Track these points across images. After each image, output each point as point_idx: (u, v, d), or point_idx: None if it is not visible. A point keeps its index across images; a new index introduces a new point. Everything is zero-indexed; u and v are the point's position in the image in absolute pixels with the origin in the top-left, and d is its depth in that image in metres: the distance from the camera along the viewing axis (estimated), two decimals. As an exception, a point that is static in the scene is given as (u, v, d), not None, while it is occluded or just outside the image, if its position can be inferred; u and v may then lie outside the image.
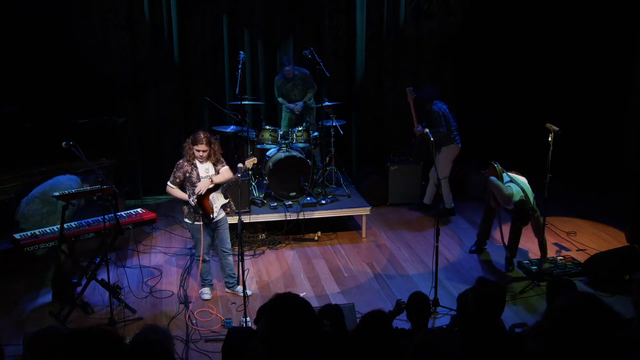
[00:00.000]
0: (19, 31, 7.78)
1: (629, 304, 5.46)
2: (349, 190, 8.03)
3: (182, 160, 5.88)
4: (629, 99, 8.77)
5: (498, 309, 3.55)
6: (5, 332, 5.47)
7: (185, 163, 5.84)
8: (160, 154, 8.82)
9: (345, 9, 8.95)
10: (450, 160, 8.02)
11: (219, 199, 5.95)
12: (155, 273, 6.73)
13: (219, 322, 5.72)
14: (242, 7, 8.65)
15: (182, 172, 5.83)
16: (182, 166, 5.85)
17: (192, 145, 5.78)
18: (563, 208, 8.32)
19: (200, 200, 5.84)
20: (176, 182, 5.88)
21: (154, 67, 8.53)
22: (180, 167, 5.86)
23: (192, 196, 5.82)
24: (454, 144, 7.94)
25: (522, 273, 6.63)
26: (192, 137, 5.81)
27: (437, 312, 5.79)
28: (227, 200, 6.05)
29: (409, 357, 2.88)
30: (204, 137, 5.77)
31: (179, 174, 5.85)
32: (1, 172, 6.62)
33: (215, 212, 5.92)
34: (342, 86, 9.03)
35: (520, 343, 3.51)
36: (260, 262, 6.99)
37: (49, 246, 5.50)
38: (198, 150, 5.77)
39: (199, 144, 5.75)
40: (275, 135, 7.79)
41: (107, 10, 8.17)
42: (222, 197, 5.98)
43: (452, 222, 8.08)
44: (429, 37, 9.21)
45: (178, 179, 5.86)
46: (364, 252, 7.28)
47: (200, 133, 5.80)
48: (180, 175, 5.84)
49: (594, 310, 2.70)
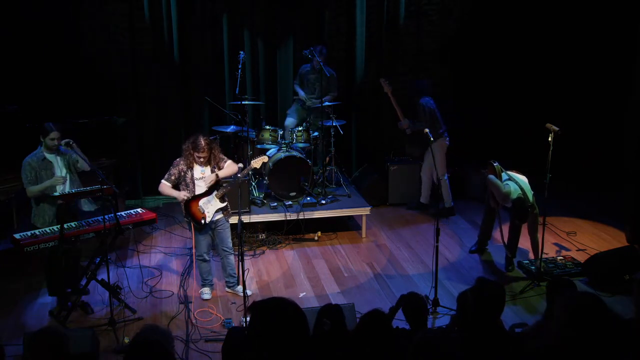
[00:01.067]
0: (19, 31, 7.78)
1: (629, 304, 5.48)
2: (349, 190, 8.03)
3: (180, 159, 5.87)
4: (629, 99, 8.76)
5: (498, 309, 3.55)
6: (5, 332, 5.48)
7: (182, 162, 5.84)
8: (160, 154, 8.81)
9: (345, 8, 8.94)
10: (444, 155, 8.02)
11: (212, 204, 5.92)
12: (155, 273, 6.73)
13: (219, 322, 5.72)
14: (242, 7, 8.64)
15: (178, 170, 5.84)
16: (178, 164, 5.85)
17: (192, 151, 5.76)
18: (563, 208, 8.31)
19: (187, 205, 5.84)
20: (171, 179, 5.87)
21: (154, 67, 8.53)
22: (176, 165, 5.86)
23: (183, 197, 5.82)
24: (442, 139, 7.93)
25: (522, 273, 6.63)
26: (193, 142, 5.75)
27: (437, 312, 5.79)
28: (225, 204, 6.02)
29: (408, 357, 2.88)
30: (204, 144, 5.73)
31: (175, 171, 5.85)
32: (1, 172, 6.62)
33: (208, 217, 5.89)
34: (342, 86, 9.02)
35: (520, 343, 3.52)
36: (260, 262, 6.99)
37: (49, 246, 5.49)
38: (199, 157, 5.77)
39: (199, 151, 5.73)
40: (275, 135, 7.79)
41: (107, 10, 8.17)
42: (218, 201, 5.94)
43: (452, 222, 8.08)
44: (429, 37, 9.21)
45: (173, 176, 5.86)
46: (364, 252, 7.28)
47: (200, 140, 5.74)
48: (176, 172, 5.84)
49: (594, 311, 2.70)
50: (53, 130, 5.65)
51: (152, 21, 8.37)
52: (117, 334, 5.35)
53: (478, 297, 3.49)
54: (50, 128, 5.65)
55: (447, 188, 8.15)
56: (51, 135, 5.63)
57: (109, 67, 8.32)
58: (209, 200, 5.91)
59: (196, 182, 5.86)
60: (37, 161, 5.69)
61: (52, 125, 5.68)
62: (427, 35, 9.20)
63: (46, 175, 5.69)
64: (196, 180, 5.86)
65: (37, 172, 5.67)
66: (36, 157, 5.70)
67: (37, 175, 5.68)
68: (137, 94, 8.56)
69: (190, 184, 5.84)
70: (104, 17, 8.18)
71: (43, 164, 5.70)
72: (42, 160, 5.70)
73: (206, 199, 5.90)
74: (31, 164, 5.67)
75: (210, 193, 5.90)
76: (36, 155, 5.72)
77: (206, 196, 5.89)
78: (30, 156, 5.72)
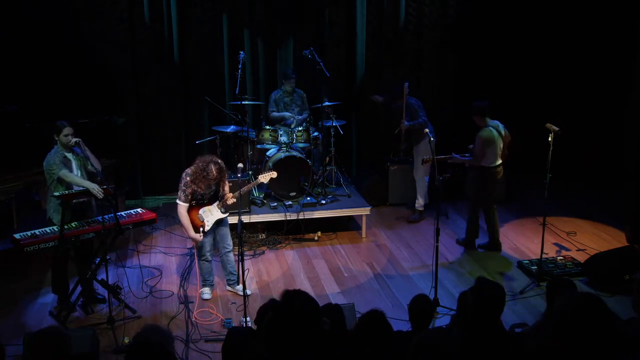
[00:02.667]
0: (19, 31, 7.78)
1: (629, 304, 5.48)
2: (349, 190, 8.03)
3: (189, 177, 5.77)
4: (629, 98, 8.76)
5: (498, 309, 3.54)
6: (5, 332, 5.47)
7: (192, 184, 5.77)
8: (160, 154, 8.83)
9: (346, 8, 8.94)
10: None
11: (212, 214, 5.93)
12: (155, 273, 6.73)
13: (219, 322, 5.72)
14: (242, 7, 8.65)
15: (192, 190, 5.77)
16: (191, 185, 5.76)
17: (202, 179, 5.71)
18: (563, 208, 8.32)
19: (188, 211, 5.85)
20: (188, 199, 5.81)
21: (154, 67, 8.53)
22: (189, 185, 5.76)
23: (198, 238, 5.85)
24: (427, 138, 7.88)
25: (522, 273, 6.63)
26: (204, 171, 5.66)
27: (437, 312, 5.79)
28: (225, 215, 6.03)
29: (408, 357, 2.88)
30: (217, 174, 5.68)
31: (189, 191, 5.78)
32: (1, 172, 6.62)
33: (207, 227, 5.90)
34: (342, 86, 9.03)
35: (520, 343, 3.51)
36: (260, 262, 6.99)
37: (49, 246, 5.49)
38: (209, 186, 5.80)
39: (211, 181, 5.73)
40: (275, 135, 7.79)
41: (107, 10, 8.17)
42: (218, 211, 5.95)
43: (452, 222, 8.08)
44: (429, 37, 9.21)
45: (190, 196, 5.80)
46: (364, 252, 7.27)
47: (212, 170, 5.65)
48: (190, 192, 5.78)
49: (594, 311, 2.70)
50: (66, 127, 5.58)
51: (152, 21, 8.37)
52: (116, 333, 5.35)
53: (478, 297, 3.49)
54: (63, 125, 5.59)
55: (424, 190, 8.09)
56: (64, 131, 5.57)
57: (108, 67, 8.31)
58: (210, 210, 5.92)
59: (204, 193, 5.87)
60: (60, 158, 5.61)
61: (64, 122, 5.63)
62: (428, 35, 9.20)
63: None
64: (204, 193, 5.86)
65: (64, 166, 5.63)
66: (58, 155, 5.63)
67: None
68: (137, 94, 8.56)
69: (200, 197, 5.85)
70: (104, 17, 8.17)
71: (65, 161, 5.64)
72: (64, 158, 5.64)
73: (207, 208, 5.91)
74: (55, 160, 5.59)
75: (211, 203, 5.91)
76: (57, 153, 5.64)
77: (207, 205, 5.90)
78: (51, 154, 5.64)
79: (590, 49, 8.96)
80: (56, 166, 5.56)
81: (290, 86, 8.14)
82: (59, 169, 5.56)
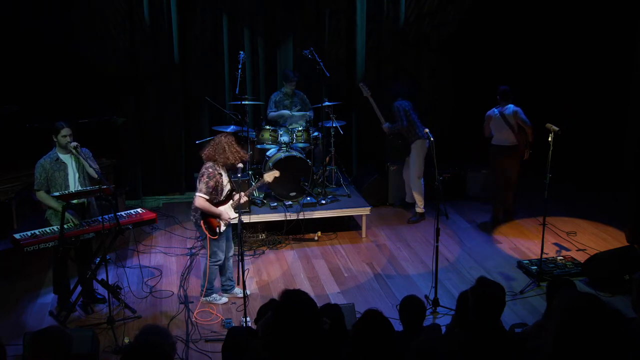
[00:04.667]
0: (19, 31, 7.78)
1: (629, 304, 5.47)
2: (349, 190, 8.03)
3: (209, 166, 5.69)
4: (629, 99, 8.77)
5: (498, 309, 3.54)
6: (5, 332, 5.47)
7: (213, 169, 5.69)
8: (160, 154, 8.82)
9: (346, 8, 8.95)
10: (422, 158, 7.98)
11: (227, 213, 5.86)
12: (155, 273, 6.73)
13: (219, 322, 5.72)
14: (242, 6, 8.65)
15: (215, 181, 5.69)
16: (214, 175, 5.68)
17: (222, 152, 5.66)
18: (563, 208, 8.32)
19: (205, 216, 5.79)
20: (210, 192, 5.69)
21: (154, 67, 8.52)
22: (212, 176, 5.67)
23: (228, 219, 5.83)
24: (421, 140, 7.89)
25: (522, 273, 6.63)
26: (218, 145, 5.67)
27: (437, 312, 5.79)
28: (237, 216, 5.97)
29: (409, 357, 2.88)
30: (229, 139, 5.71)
31: (212, 184, 5.67)
32: (1, 172, 6.62)
33: (222, 227, 5.85)
34: (342, 86, 9.02)
35: (520, 343, 3.52)
36: (260, 262, 6.99)
37: (49, 246, 5.49)
38: (234, 156, 5.74)
39: (232, 149, 5.70)
40: (275, 135, 7.79)
41: (107, 10, 8.17)
42: (232, 210, 5.87)
43: (452, 222, 8.08)
44: (429, 37, 9.21)
45: (212, 189, 5.69)
46: (364, 252, 7.28)
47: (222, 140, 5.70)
48: (213, 184, 5.68)
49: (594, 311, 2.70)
50: (64, 127, 5.54)
51: (152, 21, 8.37)
52: (116, 333, 5.35)
53: (478, 297, 3.49)
54: (61, 125, 5.55)
55: (421, 191, 8.08)
56: (62, 132, 5.53)
57: (108, 67, 8.31)
58: (226, 210, 5.85)
59: (224, 188, 5.80)
60: (50, 162, 5.58)
61: (63, 123, 5.59)
62: (427, 35, 9.20)
63: (59, 177, 5.59)
64: (224, 187, 5.80)
65: (48, 174, 5.56)
66: (50, 157, 5.60)
67: (48, 176, 5.57)
68: (137, 94, 8.56)
69: (220, 191, 5.77)
70: (104, 17, 8.18)
71: (56, 164, 5.60)
72: (56, 161, 5.60)
73: (222, 208, 5.82)
74: (43, 165, 5.57)
75: (226, 202, 5.86)
76: (50, 156, 5.62)
77: (223, 205, 5.84)
78: (45, 157, 5.62)
79: (591, 50, 8.95)
80: (35, 179, 5.59)
81: (291, 88, 8.09)
82: (36, 184, 5.59)
